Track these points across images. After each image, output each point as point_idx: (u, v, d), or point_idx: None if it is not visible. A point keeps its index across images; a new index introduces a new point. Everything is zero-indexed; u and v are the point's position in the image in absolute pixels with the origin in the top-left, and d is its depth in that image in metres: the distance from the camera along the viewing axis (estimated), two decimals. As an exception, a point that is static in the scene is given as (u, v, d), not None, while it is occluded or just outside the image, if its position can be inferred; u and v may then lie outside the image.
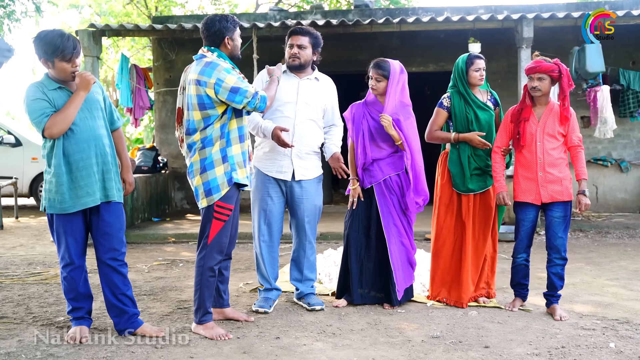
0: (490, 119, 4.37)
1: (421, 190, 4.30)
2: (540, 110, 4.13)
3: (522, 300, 4.31)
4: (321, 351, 3.47)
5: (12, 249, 6.97)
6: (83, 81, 3.47)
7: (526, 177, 4.13)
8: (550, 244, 4.14)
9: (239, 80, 3.61)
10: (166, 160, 10.14)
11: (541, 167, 4.07)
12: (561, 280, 4.14)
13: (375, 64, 4.30)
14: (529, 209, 4.14)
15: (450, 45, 9.24)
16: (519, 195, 4.16)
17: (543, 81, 4.05)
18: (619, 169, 9.61)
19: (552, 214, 4.10)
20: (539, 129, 4.08)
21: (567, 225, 4.13)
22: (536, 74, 4.05)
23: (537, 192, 4.08)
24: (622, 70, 9.32)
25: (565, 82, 4.04)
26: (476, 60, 4.34)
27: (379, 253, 4.35)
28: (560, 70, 4.03)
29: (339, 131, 4.45)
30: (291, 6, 17.20)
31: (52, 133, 3.43)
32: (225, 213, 3.68)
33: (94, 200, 3.52)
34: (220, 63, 3.63)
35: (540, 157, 4.07)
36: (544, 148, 4.06)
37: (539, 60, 4.09)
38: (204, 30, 3.75)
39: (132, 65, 9.47)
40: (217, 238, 3.70)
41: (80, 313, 3.65)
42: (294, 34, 4.28)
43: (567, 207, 4.11)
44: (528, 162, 4.11)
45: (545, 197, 4.08)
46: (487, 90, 4.48)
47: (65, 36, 3.43)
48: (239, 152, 3.71)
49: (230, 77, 3.58)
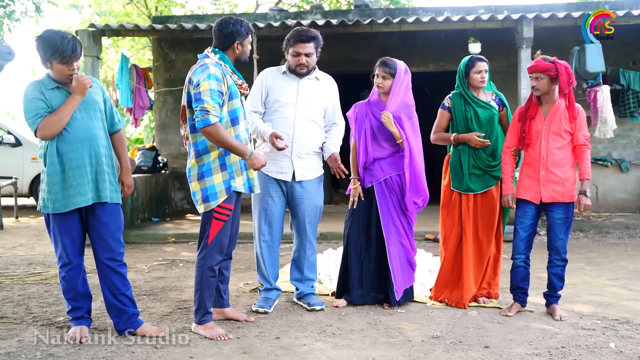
0: (491, 117, 4.37)
1: (421, 191, 4.30)
2: (547, 108, 4.10)
3: (520, 305, 4.22)
4: (321, 351, 3.47)
5: (12, 249, 6.97)
6: (79, 85, 3.46)
7: (529, 175, 4.11)
8: (550, 245, 4.13)
9: (211, 92, 3.50)
10: (166, 160, 10.14)
11: (544, 166, 4.04)
12: (561, 281, 4.13)
13: (382, 62, 4.30)
14: (528, 207, 4.11)
15: (450, 45, 9.24)
16: (519, 192, 4.15)
17: (541, 80, 4.02)
18: (619, 169, 9.60)
19: (553, 215, 4.08)
20: (544, 128, 4.05)
21: (569, 226, 4.10)
22: (534, 74, 4.04)
23: (538, 190, 4.06)
24: (622, 70, 9.32)
25: (564, 80, 4.00)
26: (477, 62, 4.34)
27: (379, 253, 4.35)
28: (558, 68, 3.99)
29: (339, 130, 4.44)
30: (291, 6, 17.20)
31: (44, 134, 3.44)
32: (225, 213, 3.68)
33: (86, 200, 3.51)
34: (210, 67, 3.56)
35: (544, 156, 4.04)
36: (549, 147, 4.03)
37: (538, 60, 4.08)
38: (216, 31, 3.72)
39: (132, 65, 9.47)
40: (217, 238, 3.70)
41: (79, 313, 3.65)
42: (300, 42, 4.19)
43: (569, 209, 4.08)
44: (532, 161, 4.10)
45: (545, 197, 4.05)
46: (493, 92, 4.48)
47: (66, 38, 3.42)
48: (237, 160, 3.68)
49: (207, 83, 3.51)
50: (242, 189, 3.71)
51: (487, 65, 4.38)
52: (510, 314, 4.14)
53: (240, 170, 3.70)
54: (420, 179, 4.29)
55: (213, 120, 3.49)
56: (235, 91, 3.67)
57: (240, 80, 3.72)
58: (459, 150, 4.40)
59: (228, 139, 3.54)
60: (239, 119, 3.68)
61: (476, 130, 4.35)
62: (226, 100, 3.63)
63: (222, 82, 3.58)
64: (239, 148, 3.58)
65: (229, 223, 3.73)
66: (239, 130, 3.68)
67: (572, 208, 4.10)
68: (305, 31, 4.25)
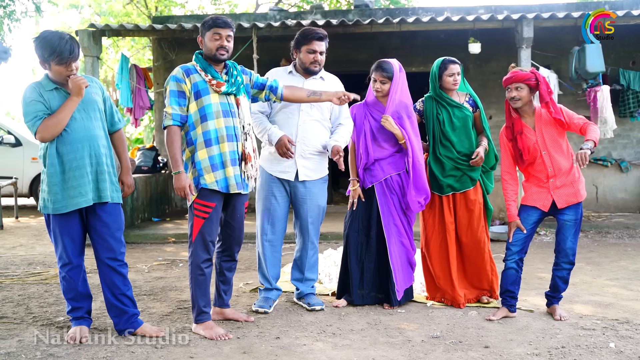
0: (465, 118, 4.37)
1: (423, 189, 4.30)
2: (531, 120, 4.04)
3: (508, 310, 4.08)
4: (321, 351, 3.47)
5: (12, 249, 6.97)
6: (75, 86, 3.46)
7: (537, 185, 4.04)
8: (559, 248, 4.06)
9: (170, 93, 3.68)
10: (166, 160, 10.13)
11: (552, 174, 3.97)
12: (565, 284, 4.09)
13: (378, 67, 4.28)
14: (532, 212, 4.03)
15: (450, 45, 9.23)
16: (527, 200, 4.07)
17: (521, 90, 3.96)
18: (619, 169, 9.61)
19: (563, 217, 4.01)
20: (539, 139, 3.99)
21: (578, 228, 4.04)
22: (513, 84, 3.98)
23: (547, 198, 3.99)
24: (622, 70, 9.32)
25: (544, 89, 3.97)
26: (450, 65, 4.35)
27: (379, 253, 4.35)
28: (537, 77, 3.96)
29: (345, 130, 4.37)
30: (291, 6, 17.20)
31: (43, 137, 3.45)
32: (205, 210, 3.69)
33: (87, 200, 3.52)
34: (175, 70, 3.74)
35: (550, 166, 3.97)
36: (551, 156, 3.97)
37: (514, 70, 4.03)
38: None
39: (132, 65, 9.47)
40: (200, 235, 3.70)
41: (79, 313, 3.65)
42: (315, 40, 4.21)
43: (579, 209, 4.02)
44: (538, 174, 4.02)
45: (560, 203, 3.97)
46: (467, 93, 4.49)
47: (64, 39, 3.42)
48: (206, 157, 3.67)
49: (168, 86, 3.72)
50: (215, 186, 3.69)
51: (460, 68, 4.39)
52: (494, 318, 4.02)
53: (212, 167, 3.68)
54: (422, 177, 4.28)
55: (166, 123, 3.66)
56: (205, 88, 3.69)
57: (209, 76, 3.70)
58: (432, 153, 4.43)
59: (170, 145, 3.65)
60: (212, 115, 3.68)
61: (449, 133, 4.37)
62: (192, 99, 3.67)
63: (184, 82, 3.67)
64: (173, 159, 3.65)
65: (210, 221, 3.72)
66: (208, 127, 3.67)
67: (582, 207, 4.05)
68: (318, 30, 4.28)
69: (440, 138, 4.41)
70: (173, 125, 3.65)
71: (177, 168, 3.63)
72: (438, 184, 4.40)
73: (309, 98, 4.12)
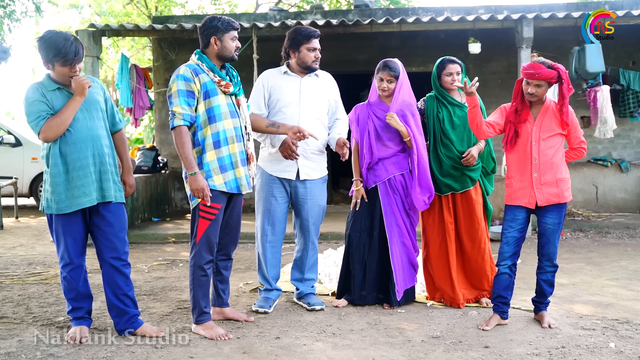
0: (465, 118, 4.34)
1: (427, 187, 4.29)
2: (537, 110, 3.90)
3: (500, 317, 3.94)
4: (321, 351, 3.47)
5: (12, 249, 6.97)
6: (78, 87, 3.46)
7: (520, 179, 3.90)
8: (542, 251, 3.95)
9: (179, 93, 3.60)
10: (166, 160, 10.13)
11: (536, 168, 3.84)
12: (551, 287, 3.98)
13: (385, 66, 4.28)
14: (519, 212, 3.91)
15: (450, 45, 9.22)
16: (511, 198, 3.94)
17: (541, 88, 3.79)
18: (619, 169, 9.60)
19: (546, 221, 3.88)
20: (534, 129, 3.85)
21: (560, 229, 3.94)
22: (534, 81, 3.77)
23: (532, 195, 3.86)
24: (622, 70, 9.32)
25: (566, 87, 3.79)
26: (448, 64, 4.35)
27: (381, 254, 4.35)
28: (560, 75, 3.76)
29: (342, 124, 4.41)
30: (291, 6, 17.20)
31: (47, 137, 3.45)
32: (211, 212, 3.67)
33: (91, 200, 3.52)
34: (181, 68, 3.66)
35: (536, 158, 3.83)
36: (539, 149, 3.83)
37: (539, 66, 3.75)
38: (198, 31, 3.79)
39: (132, 65, 9.46)
40: (205, 237, 3.70)
41: (80, 313, 3.65)
42: (315, 38, 4.25)
43: (562, 212, 3.91)
44: (522, 163, 3.89)
45: (541, 200, 3.85)
46: None
47: (69, 41, 3.42)
48: (214, 159, 3.66)
49: (175, 85, 3.62)
50: (223, 188, 3.68)
51: (461, 67, 4.37)
52: (487, 328, 3.86)
53: (221, 169, 3.67)
54: (427, 175, 4.28)
55: (176, 123, 3.59)
56: (213, 89, 3.67)
57: (218, 77, 3.68)
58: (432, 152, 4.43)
59: (182, 146, 3.60)
60: (220, 116, 3.67)
61: (449, 131, 4.37)
62: (200, 99, 3.65)
63: (192, 82, 3.62)
64: (186, 160, 3.59)
65: (216, 222, 3.71)
66: (218, 128, 3.66)
67: (565, 210, 3.94)
68: (313, 28, 4.34)
69: (440, 136, 4.41)
70: (183, 126, 3.61)
71: (193, 169, 3.58)
72: (436, 184, 4.40)
73: (267, 129, 4.14)
